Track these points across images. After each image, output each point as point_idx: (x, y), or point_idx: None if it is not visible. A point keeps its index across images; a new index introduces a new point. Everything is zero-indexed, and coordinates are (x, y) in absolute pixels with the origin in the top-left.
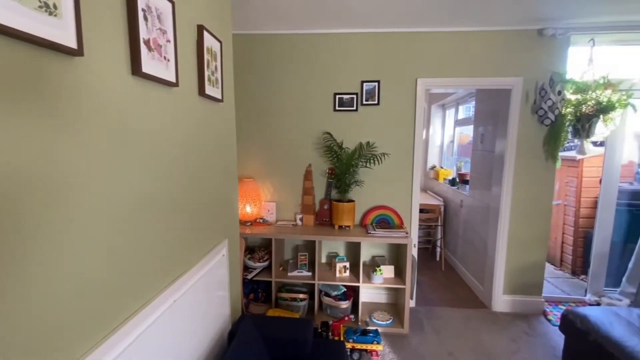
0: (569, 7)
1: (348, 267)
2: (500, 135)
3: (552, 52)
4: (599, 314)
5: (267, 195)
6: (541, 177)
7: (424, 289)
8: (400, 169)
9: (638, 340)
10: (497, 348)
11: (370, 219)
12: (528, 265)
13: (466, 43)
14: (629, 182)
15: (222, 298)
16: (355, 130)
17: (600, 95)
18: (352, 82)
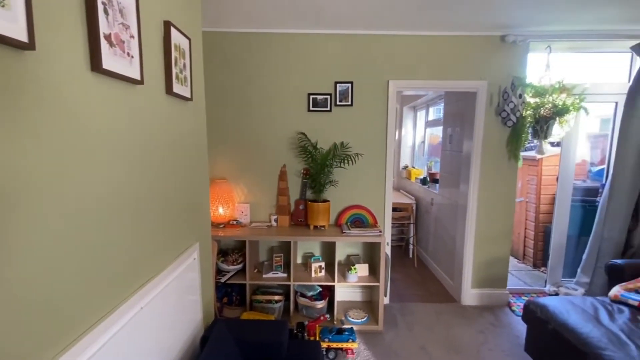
0: (528, 15)
1: (323, 266)
2: (467, 136)
3: (514, 58)
4: (557, 303)
5: (241, 197)
6: (505, 176)
7: (398, 285)
8: (373, 169)
9: (591, 327)
10: (466, 340)
11: (345, 218)
12: (494, 260)
13: (435, 47)
14: (582, 180)
15: (194, 303)
16: (330, 131)
17: (556, 99)
18: (325, 83)
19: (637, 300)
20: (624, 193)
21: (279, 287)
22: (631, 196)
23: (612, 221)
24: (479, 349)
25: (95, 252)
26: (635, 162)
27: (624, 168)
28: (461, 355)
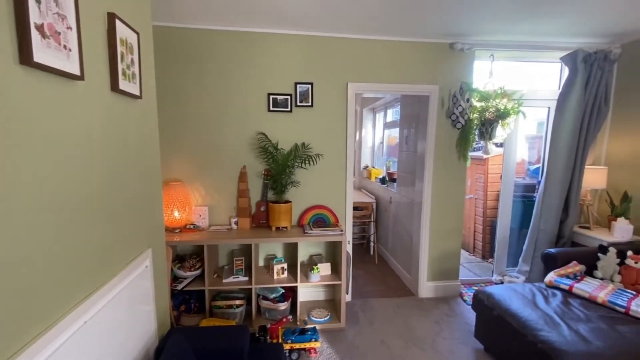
0: (474, 25)
1: (286, 268)
2: (421, 137)
3: (462, 64)
4: (501, 291)
5: (198, 199)
6: (455, 175)
7: (359, 282)
8: (334, 169)
9: (530, 311)
10: (423, 331)
11: (307, 218)
12: (447, 253)
13: (391, 51)
14: (522, 177)
15: (147, 313)
16: (291, 131)
17: (499, 104)
18: (286, 83)
19: (567, 284)
20: (556, 189)
21: (240, 291)
22: (562, 191)
23: (547, 214)
24: (435, 338)
25: (22, 261)
26: (565, 161)
27: (556, 166)
28: (418, 345)
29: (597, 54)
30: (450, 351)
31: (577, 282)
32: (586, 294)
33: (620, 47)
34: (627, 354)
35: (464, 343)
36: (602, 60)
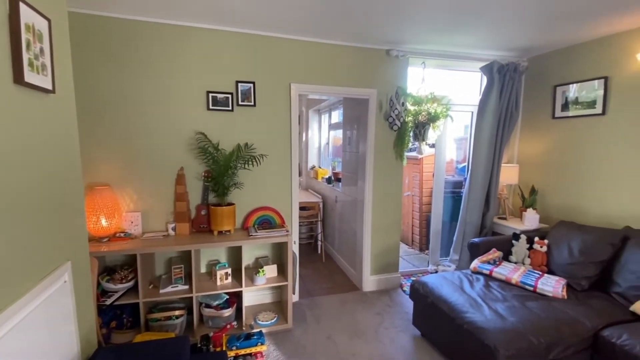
0: (407, 35)
1: (230, 273)
2: (362, 138)
3: (397, 70)
4: (434, 279)
5: (130, 205)
6: (393, 174)
7: (307, 281)
8: (279, 170)
9: (457, 296)
10: (367, 323)
11: (252, 221)
12: (387, 248)
13: (333, 55)
14: (452, 175)
15: (69, 333)
16: (232, 131)
17: (430, 108)
18: (226, 82)
19: (488, 269)
20: (479, 185)
21: (180, 301)
22: (484, 187)
23: (471, 208)
24: (377, 329)
25: None
26: (486, 160)
27: (478, 165)
28: (362, 337)
29: (509, 65)
30: (391, 340)
31: (496, 266)
32: (503, 277)
33: (527, 60)
34: (535, 325)
35: (404, 331)
36: (512, 71)
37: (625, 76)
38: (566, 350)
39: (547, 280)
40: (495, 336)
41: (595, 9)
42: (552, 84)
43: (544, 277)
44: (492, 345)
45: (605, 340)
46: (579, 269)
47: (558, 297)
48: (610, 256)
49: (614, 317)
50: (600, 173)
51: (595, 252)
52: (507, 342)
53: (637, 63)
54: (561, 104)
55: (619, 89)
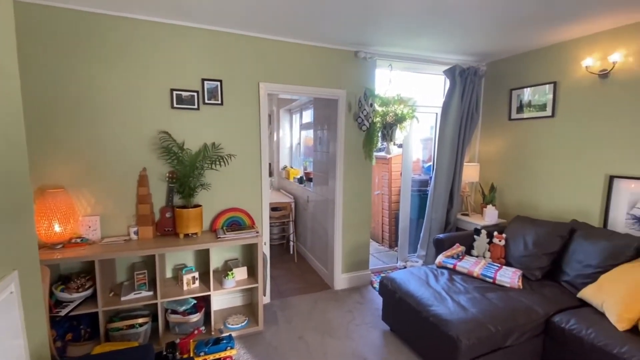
0: (374, 37)
1: (197, 277)
2: (333, 138)
3: (365, 72)
4: (402, 275)
5: (87, 209)
6: (363, 173)
7: (279, 282)
8: (249, 170)
9: (423, 290)
10: (338, 321)
11: (220, 222)
12: (358, 246)
13: (303, 55)
14: (418, 174)
15: (17, 348)
16: (199, 130)
17: (397, 109)
18: (191, 79)
19: (452, 263)
20: (443, 183)
21: (144, 308)
22: (448, 185)
23: (436, 205)
24: (348, 326)
25: None
26: (449, 159)
27: (442, 164)
28: (334, 335)
29: (470, 69)
30: (361, 336)
31: (459, 260)
32: (465, 270)
33: (485, 65)
34: (493, 315)
35: (374, 327)
36: (473, 75)
37: (572, 81)
38: (521, 337)
39: (505, 272)
40: (457, 327)
41: (545, 18)
42: (508, 87)
43: (502, 269)
44: (455, 335)
45: (555, 325)
46: (532, 260)
47: (515, 288)
48: (560, 248)
49: (564, 303)
50: (550, 171)
51: (546, 244)
52: (468, 332)
53: (581, 70)
54: (516, 107)
55: (566, 93)
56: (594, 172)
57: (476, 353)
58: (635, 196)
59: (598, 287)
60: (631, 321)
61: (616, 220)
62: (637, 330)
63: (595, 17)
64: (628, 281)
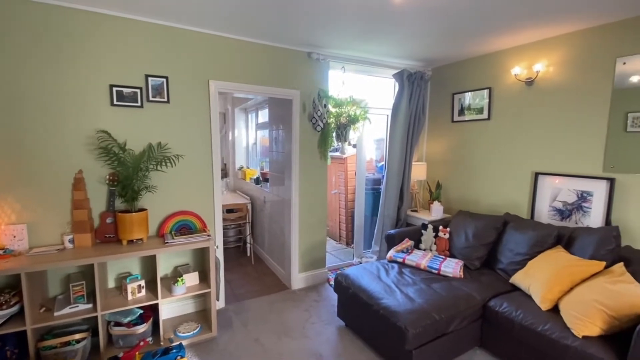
0: (325, 39)
1: (143, 285)
2: (288, 138)
3: (319, 73)
4: (355, 271)
5: (11, 216)
6: (318, 173)
7: (235, 286)
8: (199, 171)
9: (375, 284)
10: (294, 321)
11: (168, 227)
12: (315, 245)
13: (256, 54)
14: (372, 173)
15: None
16: (143, 129)
17: (350, 110)
18: (134, 75)
19: (401, 257)
20: (394, 181)
21: (83, 322)
22: (398, 183)
23: (388, 202)
24: (304, 325)
25: None
26: (399, 159)
27: (393, 163)
28: (290, 335)
29: (417, 74)
30: (317, 333)
31: (408, 254)
32: (414, 263)
33: (431, 70)
34: (437, 304)
35: (329, 323)
36: (419, 79)
37: (504, 87)
38: (462, 322)
39: (449, 263)
40: (405, 317)
41: (481, 31)
42: (451, 91)
43: (447, 260)
44: (403, 326)
45: (491, 309)
46: (472, 251)
47: (457, 277)
48: (495, 238)
49: (498, 289)
50: (487, 168)
51: (484, 236)
52: (414, 322)
53: (511, 77)
54: (458, 110)
55: (499, 98)
56: (522, 169)
57: (423, 340)
58: (556, 190)
59: (525, 272)
60: (552, 301)
61: (541, 212)
62: (557, 309)
63: (522, 31)
64: (549, 266)
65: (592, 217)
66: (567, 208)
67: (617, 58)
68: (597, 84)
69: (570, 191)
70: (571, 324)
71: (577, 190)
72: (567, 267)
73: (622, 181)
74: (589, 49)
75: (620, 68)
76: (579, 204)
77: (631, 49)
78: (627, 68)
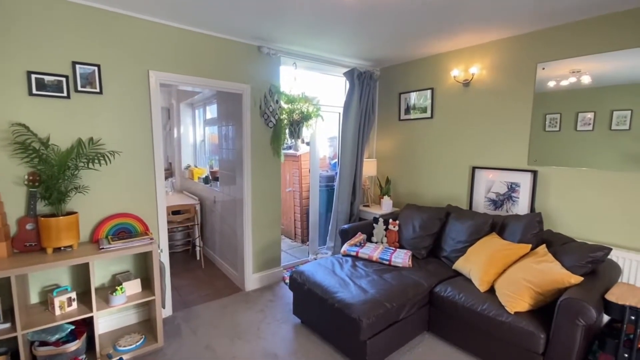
0: (274, 33)
1: (75, 297)
2: (239, 135)
3: (270, 67)
4: (310, 267)
5: None
6: (271, 170)
7: (184, 292)
8: (139, 170)
9: (330, 279)
10: (248, 323)
11: (104, 231)
12: (269, 244)
13: (202, 44)
14: (326, 170)
15: None
16: (70, 123)
17: (303, 107)
18: (58, 61)
19: (355, 251)
20: (346, 177)
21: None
22: (350, 179)
23: (342, 198)
24: (259, 326)
25: None
26: (351, 156)
27: (345, 160)
28: (244, 338)
29: (366, 73)
30: (272, 333)
31: (361, 248)
32: (366, 256)
33: (379, 70)
34: (388, 293)
35: (285, 322)
36: (369, 78)
37: (444, 88)
38: (412, 309)
39: (399, 254)
40: (358, 309)
41: (424, 32)
42: (397, 91)
43: (397, 251)
44: (357, 317)
45: (436, 295)
46: (419, 241)
47: (406, 267)
48: (439, 229)
49: (443, 275)
50: (431, 164)
51: (429, 226)
52: (367, 312)
53: (451, 79)
54: (404, 109)
55: (440, 98)
56: (461, 164)
57: (376, 330)
58: (490, 183)
59: (466, 258)
60: (489, 283)
61: (478, 203)
62: (493, 290)
63: (458, 35)
64: (484, 252)
65: (520, 205)
66: (500, 198)
67: (538, 64)
68: (521, 87)
69: (502, 183)
70: (505, 302)
71: (507, 182)
72: (500, 251)
73: (543, 173)
74: (514, 55)
75: (540, 73)
76: (509, 194)
77: (550, 55)
78: (546, 73)
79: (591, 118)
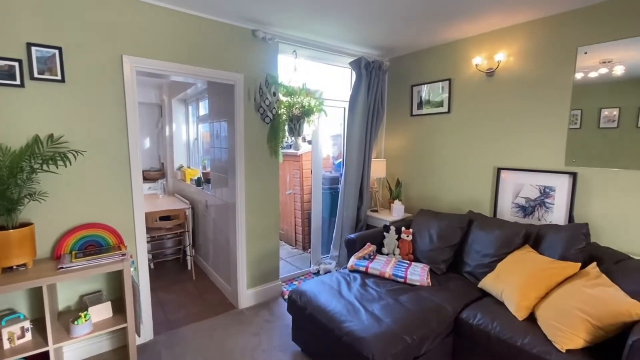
0: (272, 14)
1: (29, 327)
2: (231, 131)
3: (266, 55)
4: (312, 286)
5: None
6: (268, 171)
7: (170, 309)
8: (113, 173)
9: (335, 302)
10: (241, 351)
11: (68, 245)
12: (266, 254)
13: (187, 26)
14: (329, 171)
15: None
16: (24, 117)
17: (304, 100)
18: (9, 42)
19: (364, 266)
20: (352, 179)
21: None
22: (357, 182)
23: (347, 202)
24: (253, 354)
25: None
26: (358, 155)
27: (351, 160)
28: None
29: (374, 63)
30: None
31: (371, 261)
32: (377, 272)
33: (389, 60)
34: (407, 322)
35: (283, 350)
36: (377, 69)
37: (464, 78)
38: (435, 341)
39: (415, 269)
40: (372, 345)
41: (441, 14)
42: (409, 83)
43: (412, 266)
44: (370, 356)
45: (464, 322)
46: (437, 254)
47: (424, 285)
48: (460, 239)
49: (469, 296)
50: (447, 164)
51: (449, 236)
52: (383, 350)
53: (472, 67)
54: (417, 103)
55: (459, 90)
56: (484, 164)
57: None
58: (518, 186)
59: (496, 276)
60: (528, 309)
61: (503, 209)
62: (533, 317)
63: (483, 17)
64: (521, 269)
65: (555, 213)
66: (530, 204)
67: (579, 47)
68: (558, 75)
69: (532, 187)
70: (553, 337)
71: (539, 186)
72: (541, 270)
73: (584, 175)
74: (550, 38)
75: (581, 58)
76: (542, 200)
77: (593, 38)
78: (588, 58)
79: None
